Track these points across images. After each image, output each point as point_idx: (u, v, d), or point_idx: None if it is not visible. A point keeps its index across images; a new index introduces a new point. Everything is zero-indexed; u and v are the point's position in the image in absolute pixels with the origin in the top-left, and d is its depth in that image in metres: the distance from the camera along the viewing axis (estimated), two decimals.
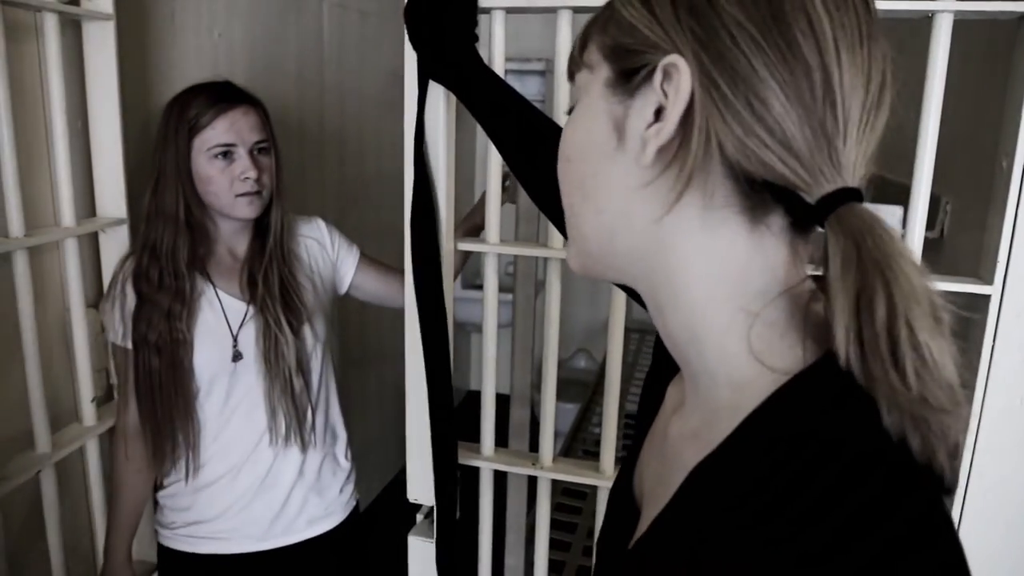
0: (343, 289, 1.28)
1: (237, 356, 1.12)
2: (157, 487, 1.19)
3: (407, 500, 1.06)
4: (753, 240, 0.38)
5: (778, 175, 0.35)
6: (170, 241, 1.07)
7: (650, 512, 0.44)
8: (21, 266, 1.08)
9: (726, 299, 0.38)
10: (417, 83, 0.87)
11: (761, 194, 0.36)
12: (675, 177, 0.37)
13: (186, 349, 1.08)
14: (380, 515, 2.32)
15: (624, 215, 0.40)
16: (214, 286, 1.12)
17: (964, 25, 0.78)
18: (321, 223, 1.26)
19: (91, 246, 1.27)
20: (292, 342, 1.12)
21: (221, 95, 1.08)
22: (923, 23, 0.78)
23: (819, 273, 0.36)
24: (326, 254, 1.24)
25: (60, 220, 1.17)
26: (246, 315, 1.12)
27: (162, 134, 1.08)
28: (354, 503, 1.29)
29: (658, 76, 0.37)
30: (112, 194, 1.25)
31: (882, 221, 0.33)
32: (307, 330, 1.16)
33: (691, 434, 0.42)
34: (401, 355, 1.00)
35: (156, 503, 1.20)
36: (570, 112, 0.45)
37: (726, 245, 0.38)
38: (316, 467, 1.20)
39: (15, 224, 1.06)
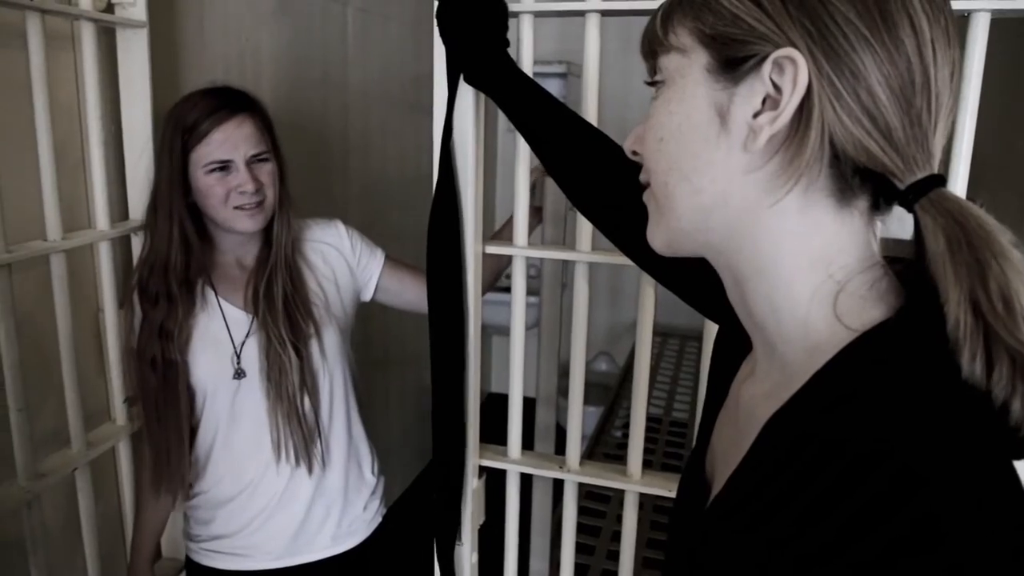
0: (368, 295, 1.22)
1: (240, 373, 1.09)
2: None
3: (429, 503, 1.06)
4: (839, 221, 0.41)
5: (877, 162, 0.39)
6: (164, 259, 1.05)
7: (724, 474, 0.46)
8: (58, 268, 1.10)
9: (810, 274, 0.41)
10: (447, 85, 0.87)
11: (853, 179, 0.40)
12: (786, 164, 0.39)
13: (180, 369, 1.06)
14: (401, 518, 2.33)
15: (723, 196, 0.42)
16: (218, 297, 1.09)
17: (998, 24, 0.77)
18: (341, 226, 1.20)
19: (123, 248, 1.29)
20: (295, 360, 1.07)
21: (217, 105, 1.03)
22: (959, 22, 0.77)
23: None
24: (344, 260, 1.18)
25: (94, 223, 1.19)
26: (250, 328, 1.09)
27: (159, 148, 1.05)
28: (379, 520, 1.25)
29: (767, 67, 0.39)
30: (144, 197, 1.26)
31: (971, 203, 0.37)
32: (314, 346, 1.10)
33: (764, 395, 0.44)
34: (423, 357, 1.00)
35: (184, 514, 1.20)
36: (651, 84, 0.46)
37: (816, 225, 0.41)
38: (337, 485, 1.17)
39: (52, 227, 1.09)
